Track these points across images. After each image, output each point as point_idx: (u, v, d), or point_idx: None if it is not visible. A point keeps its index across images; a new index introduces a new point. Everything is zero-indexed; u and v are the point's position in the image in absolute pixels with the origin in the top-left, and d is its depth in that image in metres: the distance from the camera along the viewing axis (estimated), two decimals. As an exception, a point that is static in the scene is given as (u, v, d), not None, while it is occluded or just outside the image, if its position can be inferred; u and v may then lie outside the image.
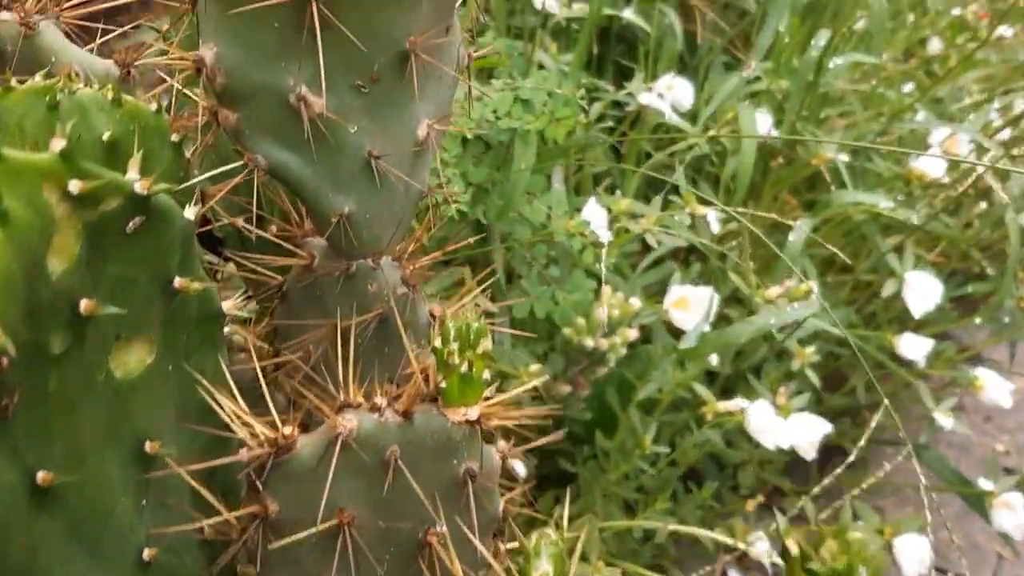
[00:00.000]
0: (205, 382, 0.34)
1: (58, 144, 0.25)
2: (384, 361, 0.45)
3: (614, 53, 1.31)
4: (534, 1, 1.09)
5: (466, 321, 0.35)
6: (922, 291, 0.99)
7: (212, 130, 0.40)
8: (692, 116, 1.18)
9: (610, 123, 1.22)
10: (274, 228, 0.47)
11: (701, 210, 0.87)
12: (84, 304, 0.28)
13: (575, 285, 0.84)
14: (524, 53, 1.04)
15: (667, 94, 1.10)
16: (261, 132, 0.40)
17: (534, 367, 0.78)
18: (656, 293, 1.12)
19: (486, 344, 0.35)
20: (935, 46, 1.56)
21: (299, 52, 0.38)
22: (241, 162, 0.40)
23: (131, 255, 0.30)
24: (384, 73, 0.40)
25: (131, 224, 0.29)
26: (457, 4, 0.43)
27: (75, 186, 0.26)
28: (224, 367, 0.36)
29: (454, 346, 0.34)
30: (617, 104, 1.15)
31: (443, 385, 0.35)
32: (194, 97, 0.39)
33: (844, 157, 1.02)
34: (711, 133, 1.08)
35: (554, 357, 0.89)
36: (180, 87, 0.39)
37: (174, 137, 0.40)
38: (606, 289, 0.82)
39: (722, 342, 0.76)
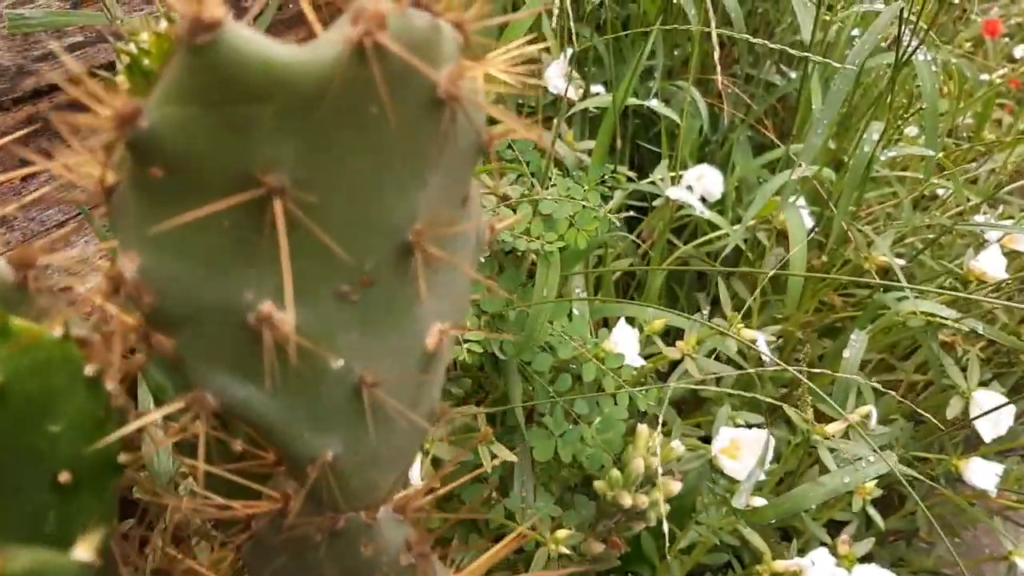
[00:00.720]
0: None
1: None
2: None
3: (631, 130, 1.21)
4: (549, 87, 0.99)
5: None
6: (994, 412, 0.87)
7: (141, 358, 0.29)
8: (720, 203, 1.08)
9: (631, 212, 1.12)
10: (238, 446, 0.36)
11: (749, 335, 0.76)
12: None
13: (606, 422, 0.73)
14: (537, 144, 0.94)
15: (696, 185, 1.00)
16: (210, 362, 0.29)
17: (561, 533, 0.66)
18: (680, 401, 1.01)
19: None
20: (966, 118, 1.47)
21: (260, 258, 0.27)
22: (182, 403, 0.29)
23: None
24: (380, 272, 0.29)
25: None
26: (476, 166, 0.33)
27: None
28: None
29: None
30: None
31: None
32: (117, 314, 0.28)
33: (900, 261, 0.91)
34: (750, 216, 0.98)
35: (581, 502, 0.77)
36: (99, 300, 0.28)
37: (89, 369, 0.29)
38: (642, 429, 0.71)
39: (787, 508, 0.64)
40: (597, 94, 1.03)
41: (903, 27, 0.83)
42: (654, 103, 0.97)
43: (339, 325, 0.29)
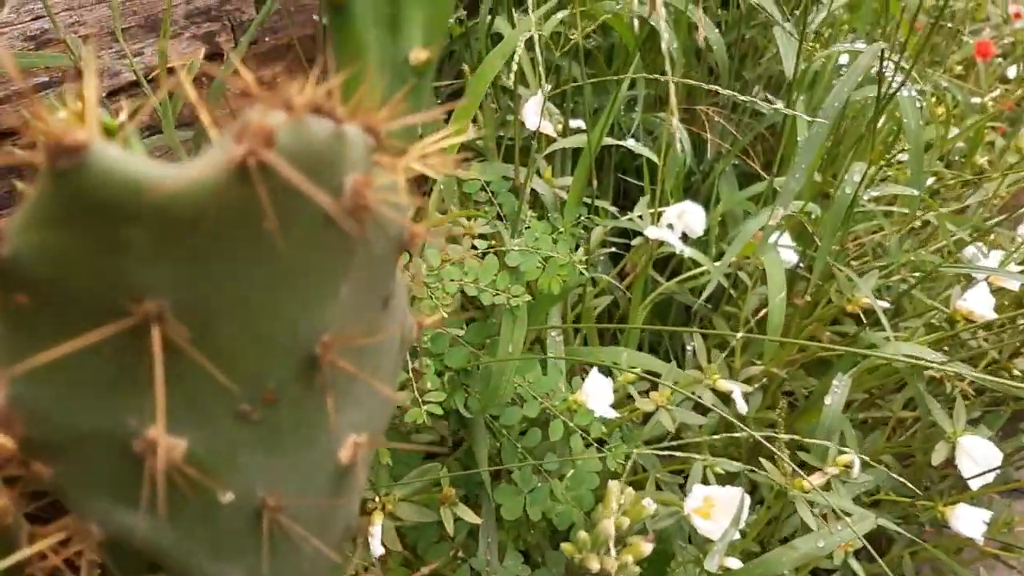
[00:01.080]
0: None
1: None
2: None
3: (616, 159, 1.19)
4: (526, 123, 0.97)
5: None
6: (981, 458, 0.85)
7: (19, 487, 0.26)
8: (704, 236, 1.06)
9: (613, 248, 1.10)
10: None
11: (726, 386, 0.73)
12: None
13: (577, 478, 0.70)
14: (513, 180, 0.92)
15: (677, 222, 0.98)
16: (93, 490, 0.26)
17: (527, 598, 0.64)
18: (654, 441, 0.99)
19: None
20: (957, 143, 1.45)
21: (143, 384, 0.25)
22: (63, 533, 0.26)
23: None
24: (285, 389, 0.27)
25: None
26: (399, 267, 0.30)
27: None
28: None
29: None
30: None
31: None
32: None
33: (884, 303, 0.89)
34: (728, 259, 0.95)
35: (553, 558, 0.75)
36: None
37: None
38: (613, 487, 0.68)
39: (758, 574, 0.62)
40: (577, 129, 1.01)
41: (884, 63, 0.81)
42: (631, 143, 0.95)
43: (240, 445, 0.27)
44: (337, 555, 0.30)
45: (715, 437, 0.69)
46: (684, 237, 1.00)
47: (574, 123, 1.06)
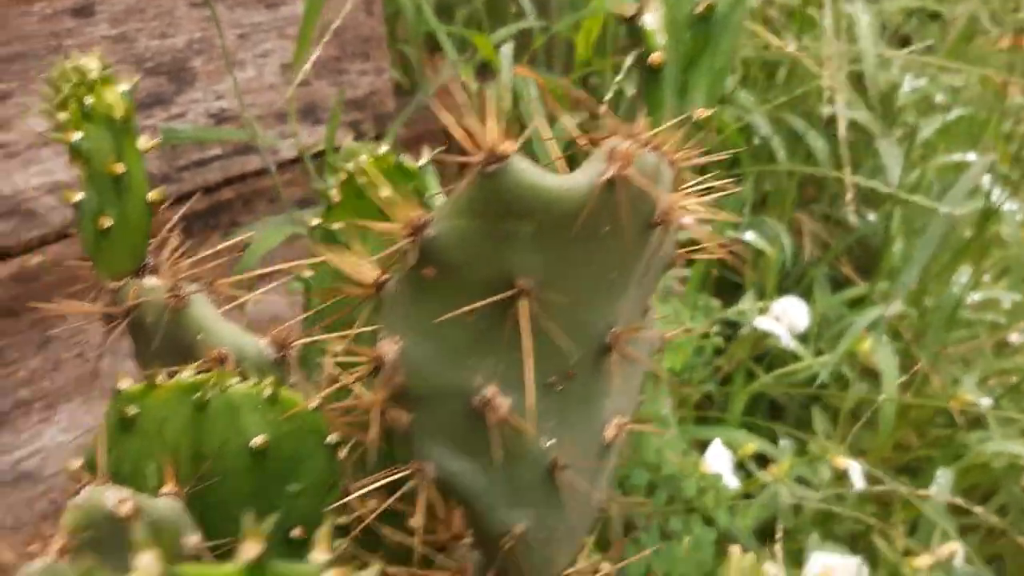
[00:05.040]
0: None
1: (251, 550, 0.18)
2: None
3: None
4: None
5: None
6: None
7: (376, 431, 0.33)
8: (801, 336, 1.11)
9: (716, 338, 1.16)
10: (417, 519, 0.40)
11: (842, 463, 0.78)
12: None
13: (696, 543, 0.75)
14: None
15: (782, 317, 1.04)
16: (435, 437, 0.33)
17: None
18: (760, 532, 1.01)
19: None
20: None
21: (491, 348, 0.32)
22: (406, 470, 0.33)
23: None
24: (581, 367, 0.34)
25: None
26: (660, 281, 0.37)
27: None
28: None
29: None
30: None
31: None
32: (357, 391, 0.33)
33: (986, 400, 0.93)
34: (827, 358, 1.00)
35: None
36: (347, 382, 0.32)
37: (332, 437, 0.33)
38: (735, 551, 0.72)
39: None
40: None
41: (993, 176, 0.88)
42: (749, 235, 1.02)
43: (543, 412, 0.34)
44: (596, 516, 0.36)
45: (832, 507, 0.73)
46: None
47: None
